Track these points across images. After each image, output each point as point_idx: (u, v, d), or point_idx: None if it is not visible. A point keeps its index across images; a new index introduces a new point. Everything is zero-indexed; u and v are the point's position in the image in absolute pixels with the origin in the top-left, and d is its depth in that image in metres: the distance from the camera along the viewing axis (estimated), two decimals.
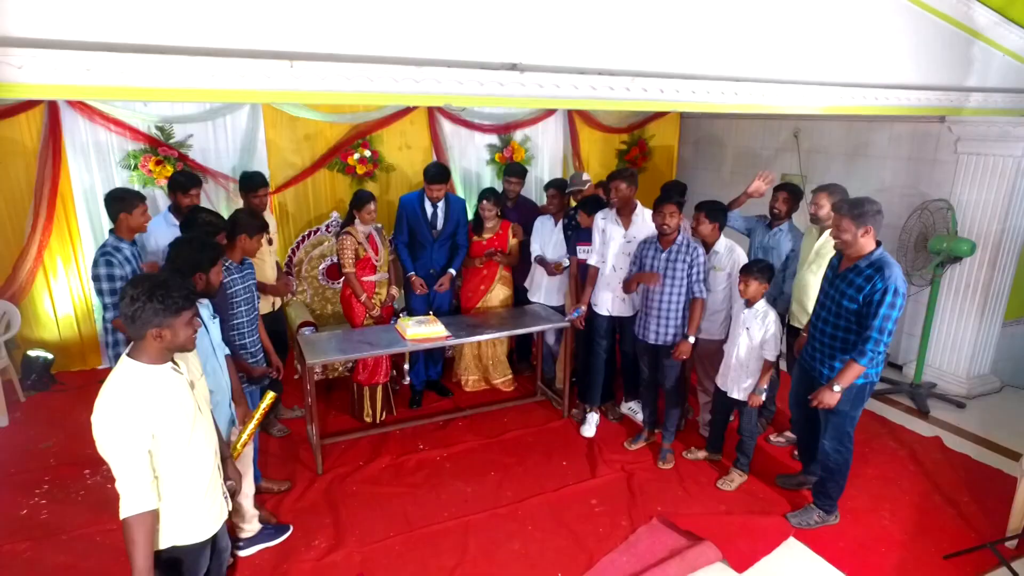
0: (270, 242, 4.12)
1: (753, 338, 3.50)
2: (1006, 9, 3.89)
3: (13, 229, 4.77)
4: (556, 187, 4.62)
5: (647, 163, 7.06)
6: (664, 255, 3.70)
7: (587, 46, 2.85)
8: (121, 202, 3.19)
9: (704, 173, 7.32)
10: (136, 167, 4.93)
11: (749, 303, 3.52)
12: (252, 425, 2.59)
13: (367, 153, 5.62)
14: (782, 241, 3.99)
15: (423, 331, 3.96)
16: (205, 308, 2.55)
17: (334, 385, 4.90)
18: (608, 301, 4.14)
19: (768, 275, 3.47)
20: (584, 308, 4.22)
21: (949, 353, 5.00)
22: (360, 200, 4.13)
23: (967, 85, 3.99)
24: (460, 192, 6.07)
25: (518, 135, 6.25)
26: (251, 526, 3.07)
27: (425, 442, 4.16)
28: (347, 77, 2.40)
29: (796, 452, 4.04)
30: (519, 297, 4.90)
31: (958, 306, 4.89)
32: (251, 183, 4.08)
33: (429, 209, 4.38)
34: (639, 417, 4.45)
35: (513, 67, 2.71)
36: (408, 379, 4.89)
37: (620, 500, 3.58)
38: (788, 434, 4.21)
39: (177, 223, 3.62)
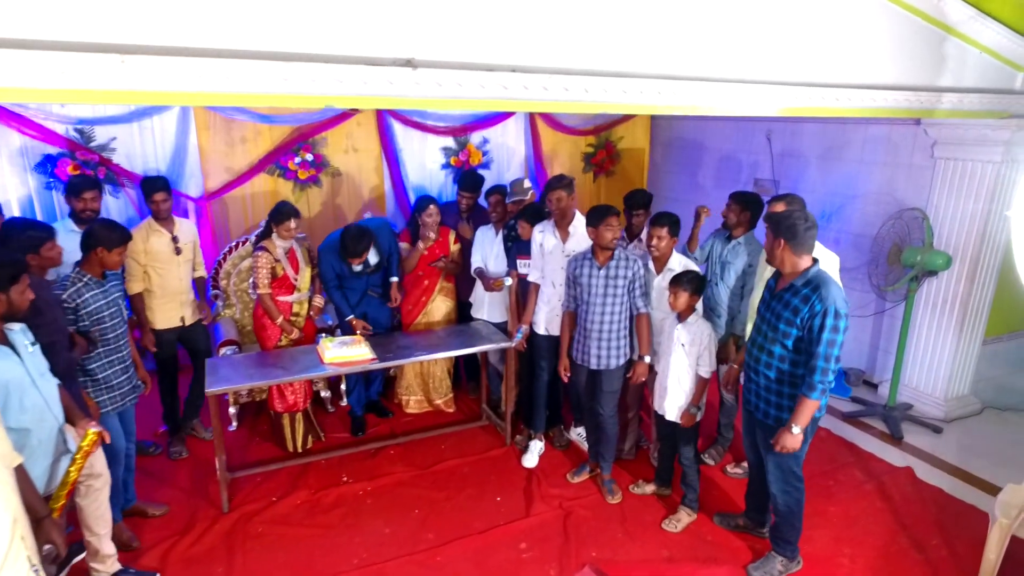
0: (178, 251, 3.78)
1: (689, 354, 3.18)
2: (983, 2, 3.56)
3: None
4: (499, 193, 4.28)
5: (615, 166, 6.73)
6: (603, 272, 3.35)
7: (496, 39, 2.50)
8: None
9: (677, 177, 6.99)
10: (52, 172, 4.58)
11: (681, 317, 3.21)
12: (73, 474, 2.25)
13: (309, 157, 5.28)
14: (739, 254, 3.65)
15: (344, 353, 3.62)
16: (19, 334, 2.21)
17: (264, 408, 4.54)
18: (548, 320, 3.80)
19: (697, 286, 3.18)
20: (526, 328, 3.88)
21: (926, 373, 4.66)
22: (280, 215, 3.77)
23: (940, 85, 3.64)
24: (412, 198, 5.73)
25: (475, 137, 5.91)
26: (107, 567, 2.73)
27: (350, 473, 3.81)
28: (197, 75, 2.06)
29: None
30: (464, 312, 4.56)
31: (935, 323, 4.54)
32: (147, 187, 3.77)
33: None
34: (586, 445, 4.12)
35: (407, 63, 2.36)
36: (345, 401, 4.56)
37: (552, 544, 3.23)
38: (747, 464, 3.87)
39: (79, 230, 3.39)
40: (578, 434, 4.20)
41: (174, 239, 3.79)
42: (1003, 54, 3.76)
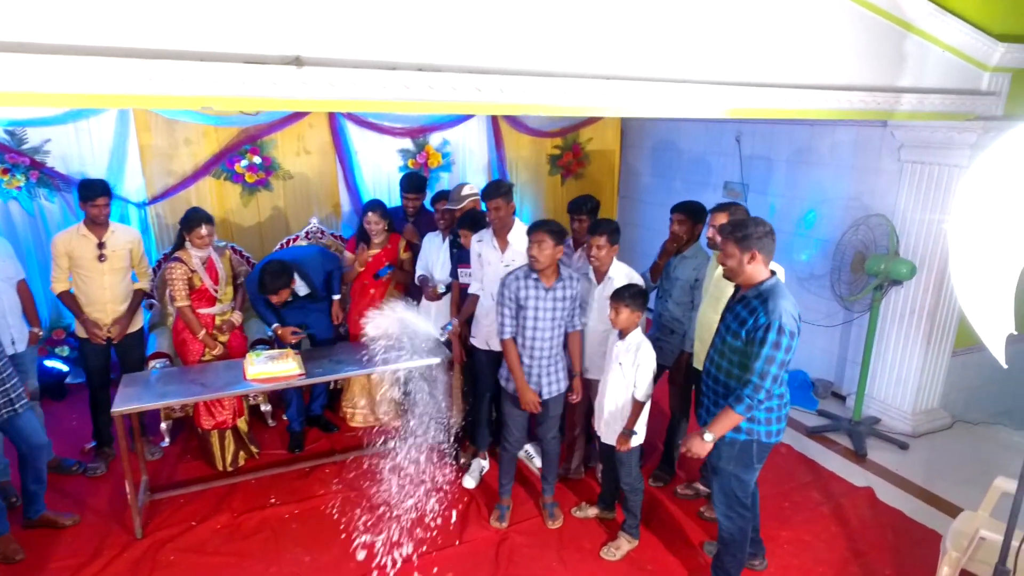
0: (101, 258, 3.58)
1: (626, 374, 2.99)
2: None
3: None
4: (446, 199, 4.08)
5: (583, 169, 6.53)
6: (550, 294, 3.08)
7: (398, 35, 2.31)
8: None
9: (651, 179, 6.81)
10: None
11: (622, 334, 3.01)
12: None
13: (257, 160, 5.08)
14: (686, 267, 3.46)
15: (269, 369, 3.42)
16: None
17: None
18: (489, 335, 3.59)
19: (641, 302, 2.97)
20: (455, 323, 3.68)
21: (894, 386, 4.47)
22: (189, 221, 3.57)
23: (899, 85, 3.45)
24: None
25: (435, 139, 5.71)
26: None
27: (279, 494, 3.61)
28: (43, 73, 1.86)
29: (704, 508, 3.52)
30: None
31: (902, 334, 4.35)
32: (87, 191, 3.55)
33: None
34: (536, 462, 3.92)
35: (294, 61, 2.17)
36: (285, 417, 4.36)
37: (480, 574, 3.03)
38: (698, 485, 3.68)
39: None
40: (525, 451, 4.00)
41: (100, 245, 3.59)
42: (967, 52, 3.58)
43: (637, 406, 3.01)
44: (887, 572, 3.08)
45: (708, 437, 2.53)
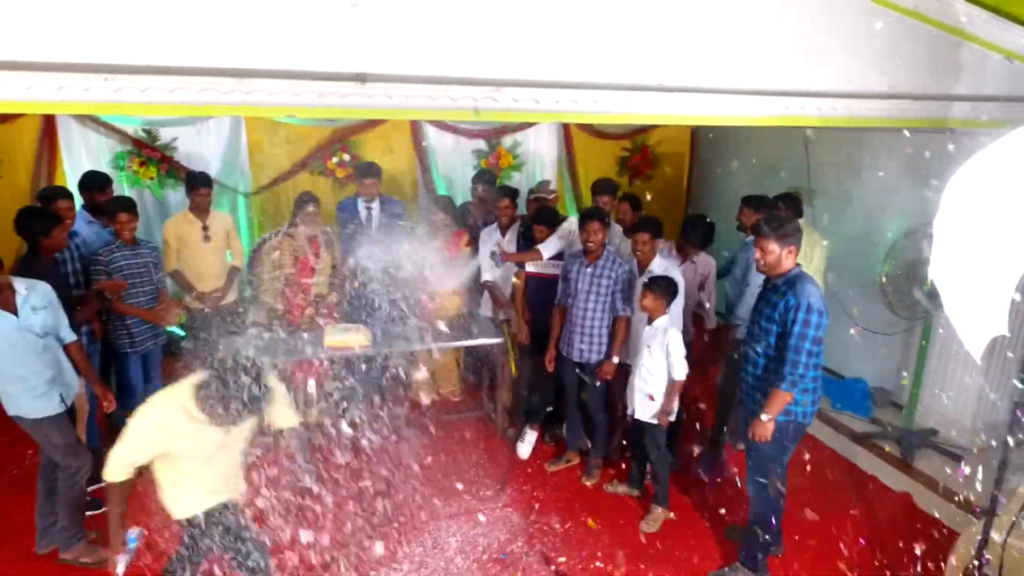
0: (206, 239, 4.25)
1: (653, 356, 3.28)
2: (1005, 5, 3.33)
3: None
4: (508, 195, 4.41)
5: (653, 171, 6.69)
6: (589, 270, 3.58)
7: (432, 53, 2.67)
8: None
9: (722, 180, 6.85)
10: (123, 167, 5.22)
11: (650, 319, 3.30)
12: None
13: (346, 157, 5.67)
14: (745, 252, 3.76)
15: (341, 338, 3.92)
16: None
17: None
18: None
19: (665, 288, 3.25)
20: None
21: (953, 398, 4.36)
22: (299, 202, 4.22)
23: (955, 92, 3.44)
24: None
25: (507, 140, 6.09)
26: None
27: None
28: (168, 90, 2.38)
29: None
30: None
31: (964, 345, 4.24)
32: (192, 182, 4.29)
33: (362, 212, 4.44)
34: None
35: (359, 78, 2.59)
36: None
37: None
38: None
39: (94, 220, 3.91)
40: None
41: (204, 228, 4.25)
42: None
43: (676, 385, 3.28)
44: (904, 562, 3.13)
45: (765, 417, 2.80)
